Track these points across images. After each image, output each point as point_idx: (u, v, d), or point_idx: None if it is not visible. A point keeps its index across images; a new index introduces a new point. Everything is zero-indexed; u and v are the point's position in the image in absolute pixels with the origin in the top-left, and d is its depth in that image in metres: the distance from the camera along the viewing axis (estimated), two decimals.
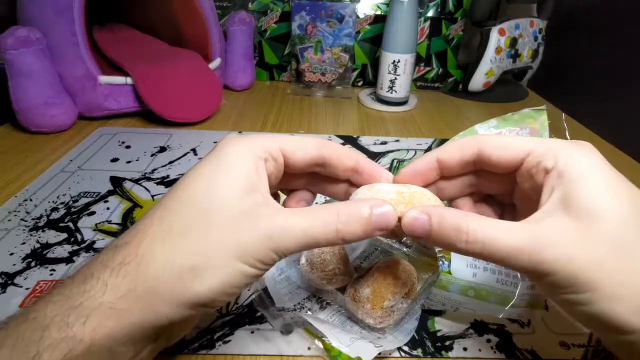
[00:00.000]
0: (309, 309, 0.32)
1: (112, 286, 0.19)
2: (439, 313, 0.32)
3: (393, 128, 0.65)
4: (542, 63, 0.81)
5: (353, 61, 0.80)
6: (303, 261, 0.32)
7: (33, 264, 0.35)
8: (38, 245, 0.37)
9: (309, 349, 0.29)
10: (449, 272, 0.30)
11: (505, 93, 0.79)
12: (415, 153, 0.57)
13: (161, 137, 0.58)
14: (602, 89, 0.66)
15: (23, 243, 0.37)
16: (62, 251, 0.37)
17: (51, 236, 0.38)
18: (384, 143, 0.60)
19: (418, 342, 0.30)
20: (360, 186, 0.25)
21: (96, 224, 0.40)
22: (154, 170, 0.50)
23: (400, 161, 0.55)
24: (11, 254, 0.36)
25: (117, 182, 0.47)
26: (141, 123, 0.63)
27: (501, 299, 0.29)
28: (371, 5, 0.77)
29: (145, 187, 0.47)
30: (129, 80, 0.60)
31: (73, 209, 0.42)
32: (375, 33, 0.79)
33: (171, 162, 0.52)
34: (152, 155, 0.54)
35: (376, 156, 0.56)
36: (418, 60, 0.79)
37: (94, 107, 0.60)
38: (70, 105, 0.58)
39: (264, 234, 0.20)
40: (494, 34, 0.71)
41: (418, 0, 0.66)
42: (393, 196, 0.23)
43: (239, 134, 0.24)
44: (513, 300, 0.29)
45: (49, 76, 0.55)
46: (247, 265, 0.20)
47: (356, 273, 0.32)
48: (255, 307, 0.32)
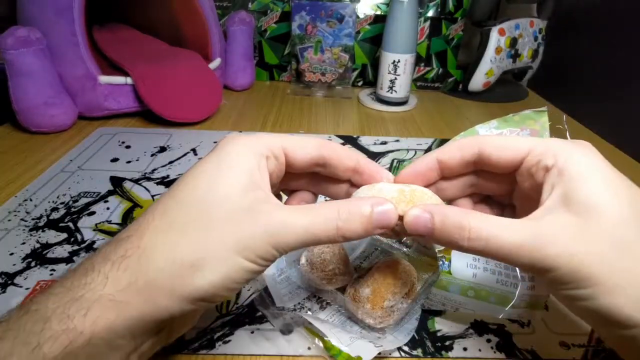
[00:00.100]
0: (309, 309, 0.32)
1: (113, 279, 0.20)
2: (439, 313, 0.32)
3: (393, 128, 0.65)
4: (542, 63, 0.81)
5: (353, 61, 0.80)
6: (303, 261, 0.32)
7: (33, 264, 0.35)
8: (38, 245, 0.37)
9: (309, 349, 0.29)
10: (449, 272, 0.30)
11: (505, 93, 0.79)
12: (415, 153, 0.57)
13: (161, 137, 0.58)
14: (602, 89, 0.66)
15: (23, 243, 0.37)
16: (62, 251, 0.37)
17: (51, 236, 0.38)
18: (384, 143, 0.60)
19: (418, 342, 0.30)
20: (360, 186, 0.25)
21: (96, 224, 0.40)
22: (154, 170, 0.50)
23: (400, 161, 0.54)
24: (11, 254, 0.36)
25: (117, 182, 0.47)
26: (141, 123, 0.63)
27: (501, 300, 0.29)
28: (371, 5, 0.77)
29: (145, 187, 0.47)
30: (129, 80, 0.60)
31: (73, 209, 0.42)
32: (375, 33, 0.79)
33: (171, 162, 0.52)
34: (152, 155, 0.54)
35: (376, 156, 0.56)
36: (418, 60, 0.79)
37: (94, 107, 0.60)
38: (70, 105, 0.58)
39: (265, 230, 0.20)
40: (494, 34, 0.71)
41: (418, 0, 0.66)
42: (394, 195, 0.23)
43: (240, 133, 0.24)
44: (513, 300, 0.29)
45: (49, 76, 0.55)
46: (248, 260, 0.20)
47: (356, 273, 0.32)
48: (255, 307, 0.32)
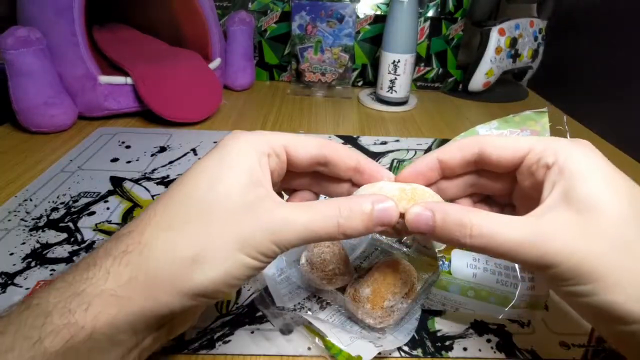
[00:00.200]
0: (309, 309, 0.32)
1: (114, 274, 0.20)
2: (439, 313, 0.32)
3: (393, 128, 0.65)
4: (542, 63, 0.81)
5: (353, 61, 0.80)
6: (303, 261, 0.32)
7: (33, 264, 0.35)
8: (38, 245, 0.37)
9: (309, 349, 0.29)
10: (449, 272, 0.30)
11: (505, 93, 0.79)
12: (415, 153, 0.57)
13: (161, 137, 0.58)
14: (602, 89, 0.66)
15: (23, 243, 0.37)
16: (62, 251, 0.37)
17: (51, 236, 0.38)
18: (384, 143, 0.60)
19: (418, 342, 0.30)
20: (361, 186, 0.25)
21: (96, 224, 0.40)
22: (154, 170, 0.50)
23: (400, 161, 0.55)
24: (11, 254, 0.36)
25: (117, 182, 0.47)
26: (141, 123, 0.63)
27: (501, 300, 0.29)
28: (371, 5, 0.77)
29: (145, 187, 0.47)
30: (129, 80, 0.60)
31: (73, 209, 0.42)
32: (375, 33, 0.79)
33: (171, 162, 0.52)
34: (152, 155, 0.54)
35: (376, 156, 0.56)
36: (418, 60, 0.79)
37: (94, 107, 0.60)
38: (70, 105, 0.58)
39: (266, 227, 0.20)
40: (494, 34, 0.71)
41: (418, 0, 0.66)
42: (395, 193, 0.23)
43: (242, 131, 0.24)
44: (513, 301, 0.29)
45: (49, 76, 0.55)
46: (248, 257, 0.21)
47: (356, 273, 0.32)
48: (256, 306, 0.32)
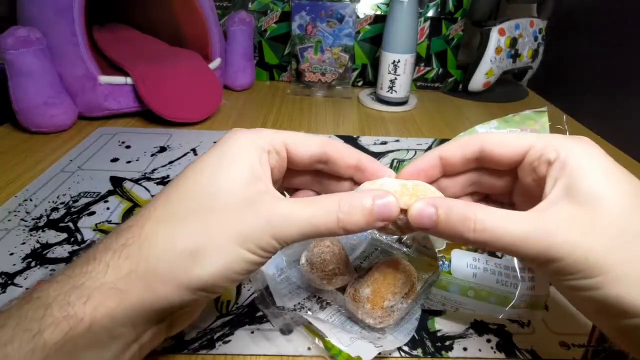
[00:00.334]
0: (309, 309, 0.32)
1: (114, 267, 0.20)
2: (439, 313, 0.32)
3: (393, 128, 0.65)
4: (542, 63, 0.81)
5: (353, 61, 0.80)
6: (303, 261, 0.32)
7: (33, 264, 0.35)
8: (38, 245, 0.37)
9: (309, 349, 0.29)
10: (449, 272, 0.30)
11: (505, 93, 0.79)
12: (415, 153, 0.57)
13: (161, 137, 0.58)
14: (602, 89, 0.66)
15: (23, 243, 0.37)
16: (62, 251, 0.37)
17: (51, 236, 0.38)
18: (384, 143, 0.60)
19: (418, 342, 0.30)
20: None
21: (96, 224, 0.40)
22: (154, 170, 0.50)
23: (400, 161, 0.55)
24: (11, 254, 0.36)
25: (117, 182, 0.47)
26: (141, 123, 0.63)
27: (501, 300, 0.29)
28: (371, 5, 0.77)
29: (145, 187, 0.47)
30: (129, 80, 0.60)
31: (73, 209, 0.42)
32: (375, 33, 0.79)
33: (171, 162, 0.52)
34: (152, 155, 0.54)
35: (376, 156, 0.56)
36: (418, 60, 0.79)
37: (94, 107, 0.60)
38: (70, 105, 0.58)
39: (266, 222, 0.21)
40: (494, 34, 0.71)
41: (418, 0, 0.66)
42: (397, 189, 0.23)
43: (243, 128, 0.25)
44: (513, 301, 0.29)
45: (49, 76, 0.55)
46: (248, 251, 0.21)
47: (356, 273, 0.32)
48: (256, 306, 0.32)
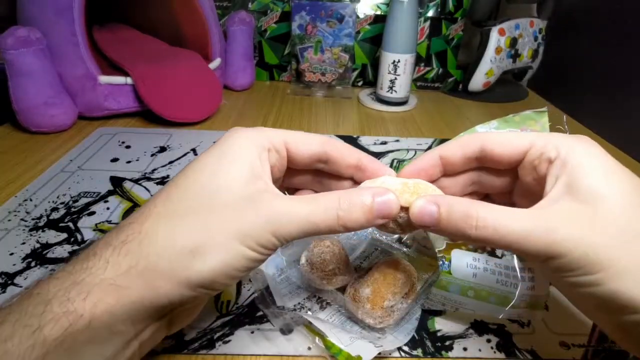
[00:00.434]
0: (309, 309, 0.32)
1: (114, 263, 0.20)
2: (439, 313, 0.32)
3: (393, 128, 0.65)
4: (542, 63, 0.81)
5: (353, 61, 0.80)
6: (303, 261, 0.32)
7: (33, 264, 0.35)
8: (38, 245, 0.37)
9: (309, 349, 0.29)
10: (449, 272, 0.30)
11: (505, 93, 0.79)
12: (415, 153, 0.57)
13: (161, 137, 0.58)
14: (602, 89, 0.66)
15: (23, 243, 0.37)
16: (62, 251, 0.37)
17: (51, 236, 0.38)
18: (384, 143, 0.60)
19: (418, 342, 0.30)
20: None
21: (96, 224, 0.40)
22: (154, 170, 0.50)
23: (400, 161, 0.55)
24: (11, 254, 0.36)
25: (117, 182, 0.47)
26: (141, 123, 0.63)
27: (501, 300, 0.29)
28: (371, 5, 0.77)
29: (145, 187, 0.47)
30: (129, 80, 0.60)
31: (73, 209, 0.42)
32: (375, 33, 0.79)
33: (171, 162, 0.52)
34: (152, 155, 0.54)
35: (376, 156, 0.55)
36: (418, 60, 0.79)
37: (94, 107, 0.60)
38: (70, 105, 0.58)
39: (266, 219, 0.21)
40: (494, 34, 0.71)
41: (418, 0, 0.66)
42: (397, 187, 0.23)
43: (243, 127, 0.25)
44: (513, 300, 0.29)
45: (49, 76, 0.55)
46: (248, 248, 0.21)
47: (356, 273, 0.32)
48: (256, 306, 0.32)
